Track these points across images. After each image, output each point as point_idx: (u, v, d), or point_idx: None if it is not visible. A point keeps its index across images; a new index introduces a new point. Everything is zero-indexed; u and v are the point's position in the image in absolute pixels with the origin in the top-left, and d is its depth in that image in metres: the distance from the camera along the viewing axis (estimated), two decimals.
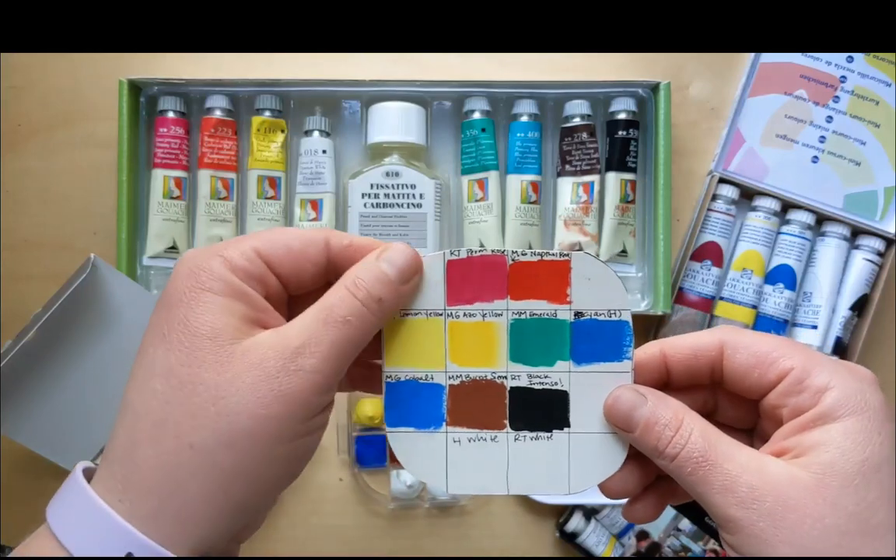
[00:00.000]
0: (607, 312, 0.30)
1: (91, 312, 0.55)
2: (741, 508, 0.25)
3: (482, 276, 0.29)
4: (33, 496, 0.60)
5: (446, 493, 0.30)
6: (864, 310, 0.59)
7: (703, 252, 0.59)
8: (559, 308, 0.30)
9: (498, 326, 0.30)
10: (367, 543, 0.61)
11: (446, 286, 0.29)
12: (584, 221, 0.57)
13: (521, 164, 0.57)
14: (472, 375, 0.30)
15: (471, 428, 0.30)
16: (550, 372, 0.30)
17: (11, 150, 0.61)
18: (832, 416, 0.25)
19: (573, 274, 0.29)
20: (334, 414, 0.60)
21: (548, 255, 0.29)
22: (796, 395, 0.26)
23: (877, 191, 0.59)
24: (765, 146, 0.59)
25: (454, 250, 0.29)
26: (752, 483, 0.25)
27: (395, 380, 0.30)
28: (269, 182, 0.58)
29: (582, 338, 0.30)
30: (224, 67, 0.59)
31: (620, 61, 0.60)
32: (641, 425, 0.28)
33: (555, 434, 0.30)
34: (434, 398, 0.30)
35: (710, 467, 0.26)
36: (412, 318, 0.30)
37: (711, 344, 0.29)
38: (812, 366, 0.26)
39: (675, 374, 0.29)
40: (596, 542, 0.59)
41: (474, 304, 0.30)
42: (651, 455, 0.28)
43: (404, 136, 0.56)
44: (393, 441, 0.30)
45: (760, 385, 0.28)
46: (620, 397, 0.29)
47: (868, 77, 0.59)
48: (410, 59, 0.59)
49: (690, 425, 0.27)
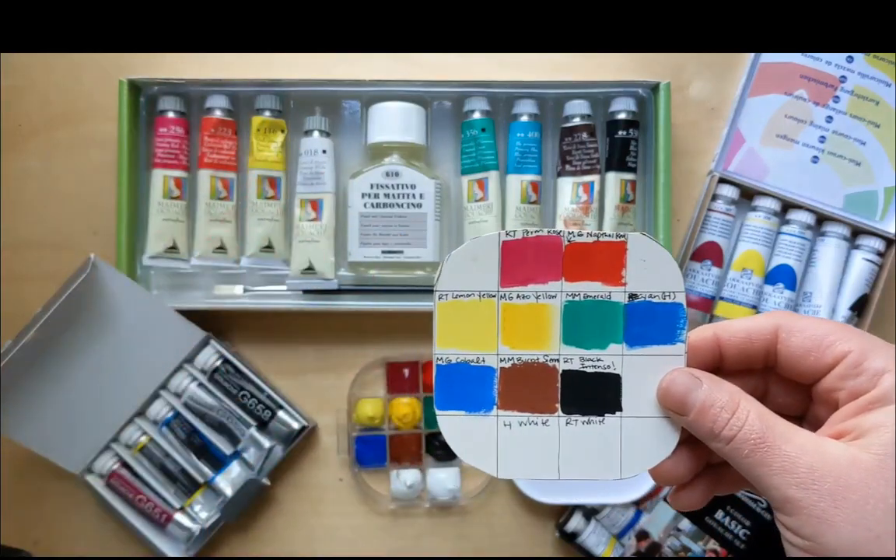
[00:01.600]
0: (661, 295, 0.29)
1: (91, 312, 0.55)
2: (801, 489, 0.25)
3: (536, 257, 0.29)
4: (33, 496, 0.60)
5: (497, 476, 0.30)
6: (864, 310, 0.59)
7: (703, 252, 0.59)
8: (613, 290, 0.29)
9: (551, 308, 0.29)
10: (367, 543, 0.61)
11: (500, 267, 0.29)
12: (584, 221, 0.57)
13: (521, 164, 0.57)
14: (523, 358, 0.29)
15: (522, 411, 0.29)
16: (603, 355, 0.29)
17: (11, 150, 0.61)
18: (891, 399, 0.25)
19: (629, 255, 0.29)
20: (334, 414, 0.60)
21: (604, 235, 0.29)
22: (854, 378, 0.26)
23: (877, 191, 0.59)
24: (765, 146, 0.59)
25: (509, 231, 0.29)
26: (812, 464, 0.25)
27: (445, 362, 0.29)
28: (269, 182, 0.58)
29: (636, 320, 0.29)
30: (224, 67, 0.59)
31: (620, 61, 0.60)
32: (697, 408, 0.27)
33: (607, 418, 0.29)
34: (485, 381, 0.29)
35: (767, 449, 0.26)
36: (464, 299, 0.29)
37: (766, 327, 0.28)
38: (869, 349, 0.26)
39: (728, 357, 0.29)
40: (596, 542, 0.59)
41: (528, 286, 0.29)
42: (706, 438, 0.27)
43: (404, 136, 0.56)
44: (443, 424, 0.29)
45: (816, 368, 0.28)
46: (675, 380, 0.28)
47: (868, 77, 0.59)
48: (410, 59, 0.59)
49: (747, 407, 0.27)
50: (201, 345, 0.58)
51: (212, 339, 0.58)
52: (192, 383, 0.58)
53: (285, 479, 0.61)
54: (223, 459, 0.58)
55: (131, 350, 0.56)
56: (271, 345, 0.61)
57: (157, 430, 0.58)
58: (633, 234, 0.29)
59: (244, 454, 0.58)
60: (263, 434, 0.58)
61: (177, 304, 0.57)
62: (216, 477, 0.58)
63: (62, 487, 0.60)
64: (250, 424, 0.58)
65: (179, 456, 0.57)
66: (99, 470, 0.57)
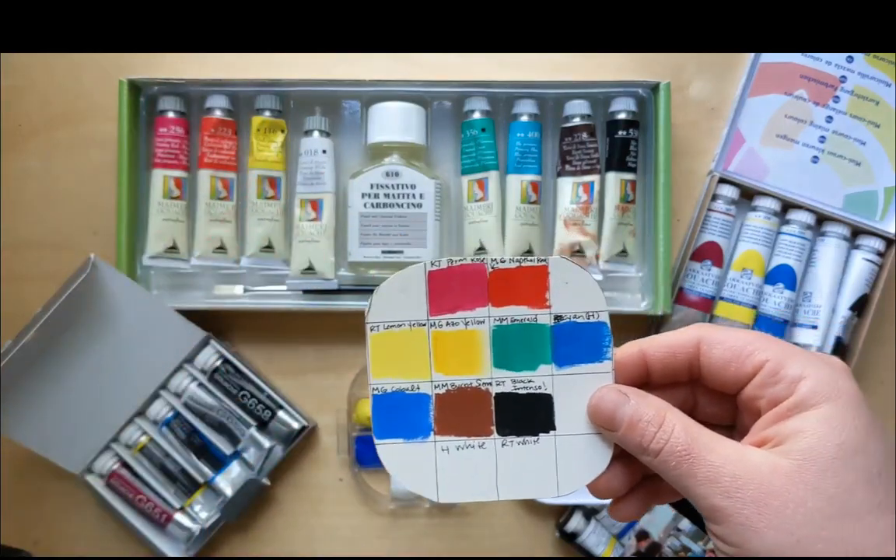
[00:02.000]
0: (586, 314, 0.30)
1: (91, 312, 0.55)
2: (725, 498, 0.25)
3: (463, 284, 0.30)
4: (33, 496, 0.60)
5: (437, 502, 0.30)
6: (864, 310, 0.59)
7: (703, 252, 0.59)
8: (539, 312, 0.30)
9: (480, 334, 0.30)
10: (367, 543, 0.61)
11: (428, 296, 0.30)
12: (584, 221, 0.57)
13: (521, 164, 0.57)
14: (457, 384, 0.30)
15: (458, 436, 0.30)
16: (534, 376, 0.30)
17: (11, 150, 0.61)
18: (808, 404, 0.26)
19: (551, 278, 0.30)
20: (334, 414, 0.60)
21: (526, 261, 0.30)
22: (772, 386, 0.27)
23: (877, 191, 0.59)
24: (765, 146, 0.59)
25: (434, 261, 0.30)
26: (735, 472, 0.25)
27: (381, 392, 0.30)
28: (269, 182, 0.58)
29: (562, 341, 0.30)
30: (224, 67, 0.59)
31: (620, 61, 0.60)
32: (625, 424, 0.28)
33: (541, 437, 0.30)
34: (421, 408, 0.30)
35: (693, 460, 0.26)
36: (396, 329, 0.30)
37: (688, 341, 0.29)
38: (786, 357, 0.27)
39: (654, 371, 0.30)
40: (596, 542, 0.59)
41: (456, 313, 0.30)
42: (636, 452, 0.28)
43: (404, 136, 0.56)
44: (382, 453, 0.30)
45: (737, 378, 0.28)
46: (603, 397, 0.29)
47: (868, 77, 0.59)
48: (410, 59, 0.59)
49: (672, 421, 0.27)
50: (201, 345, 0.58)
51: (212, 339, 0.58)
52: (192, 383, 0.58)
53: (285, 479, 0.61)
54: (223, 459, 0.58)
55: (131, 350, 0.56)
56: (271, 345, 0.61)
57: (157, 430, 0.58)
58: (554, 258, 0.30)
59: (244, 454, 0.58)
60: (263, 434, 0.58)
61: (177, 304, 0.57)
62: (216, 477, 0.58)
63: (62, 487, 0.60)
64: (250, 424, 0.58)
65: (179, 456, 0.57)
66: (99, 470, 0.57)
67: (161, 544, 0.58)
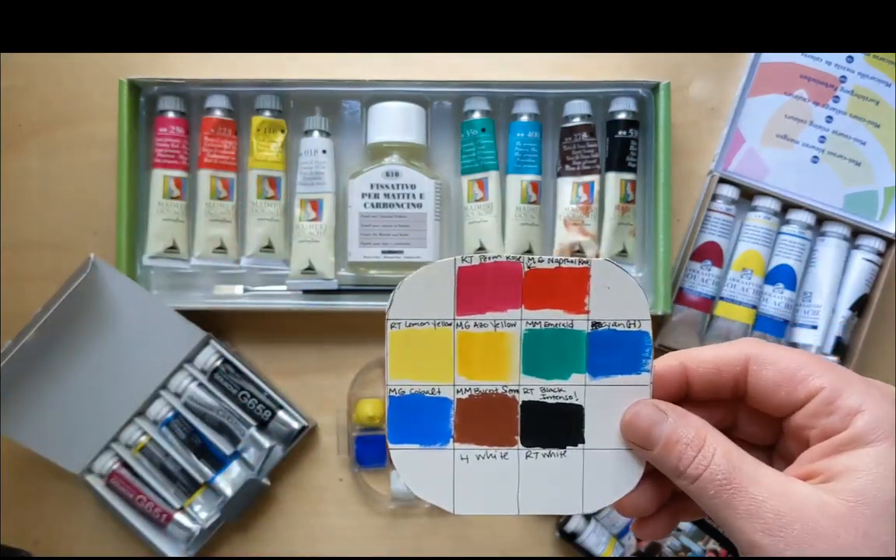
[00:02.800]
0: (626, 323, 0.28)
1: (91, 312, 0.55)
2: (768, 535, 0.24)
3: (495, 283, 0.28)
4: (33, 496, 0.60)
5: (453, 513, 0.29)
6: (864, 310, 0.59)
7: (703, 252, 0.59)
8: (576, 318, 0.28)
9: (510, 337, 0.28)
10: (367, 543, 0.61)
11: (456, 294, 0.28)
12: (584, 221, 0.57)
13: (521, 164, 0.57)
14: (481, 389, 0.28)
15: (480, 444, 0.28)
16: (565, 385, 0.28)
17: (11, 150, 0.61)
18: (864, 441, 0.24)
19: (592, 282, 0.28)
20: (334, 414, 0.60)
21: (566, 261, 0.28)
22: (826, 417, 0.25)
23: (877, 191, 0.59)
24: (765, 146, 0.59)
25: (466, 257, 0.28)
26: (780, 509, 0.24)
27: (399, 393, 0.28)
28: (269, 182, 0.58)
29: (599, 349, 0.28)
30: (224, 67, 0.59)
31: (620, 61, 0.60)
32: (661, 443, 0.26)
33: (568, 451, 0.28)
34: (441, 413, 0.28)
35: (734, 491, 0.25)
36: (418, 328, 0.28)
37: (736, 358, 0.28)
38: (843, 386, 0.25)
39: (695, 388, 0.28)
40: (596, 542, 0.59)
41: (486, 314, 0.28)
42: (671, 475, 0.27)
43: (404, 136, 0.56)
44: (396, 459, 0.28)
45: (788, 404, 0.27)
46: (640, 413, 0.27)
47: (868, 77, 0.59)
48: (410, 59, 0.59)
49: (713, 445, 0.26)
50: (201, 345, 0.58)
51: (212, 339, 0.58)
52: (192, 383, 0.58)
53: (285, 479, 0.61)
54: (223, 459, 0.58)
55: (131, 350, 0.56)
56: (271, 345, 0.61)
57: (157, 430, 0.58)
58: (597, 261, 0.28)
59: (244, 454, 0.58)
60: (263, 434, 0.58)
61: (177, 304, 0.57)
62: (216, 477, 0.58)
63: (62, 487, 0.60)
64: (250, 424, 0.58)
65: (179, 456, 0.57)
66: (99, 470, 0.57)
67: (161, 544, 0.58)
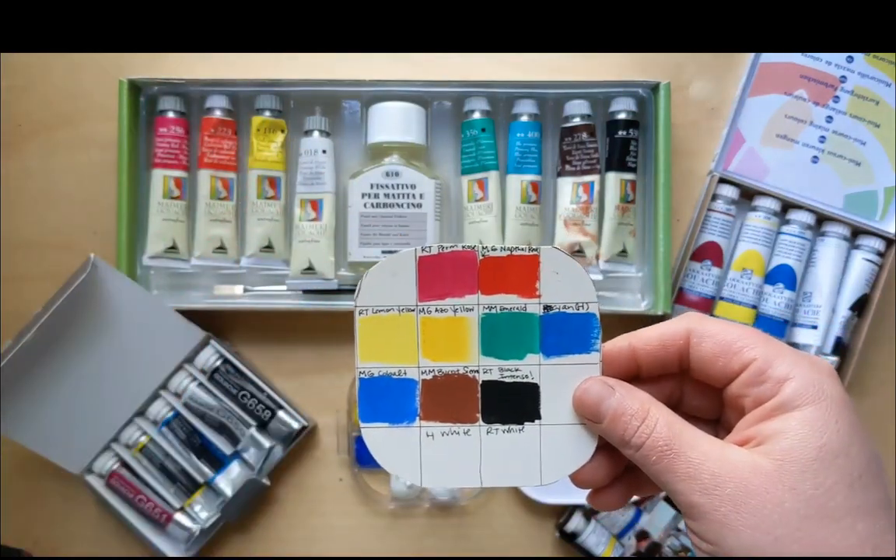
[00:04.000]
0: (575, 305, 0.30)
1: (91, 312, 0.55)
2: (704, 495, 0.26)
3: (453, 271, 0.30)
4: (33, 496, 0.60)
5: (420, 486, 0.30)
6: (864, 310, 0.59)
7: (703, 252, 0.59)
8: (528, 302, 0.30)
9: (469, 321, 0.30)
10: (367, 543, 0.61)
11: (418, 282, 0.30)
12: (584, 221, 0.57)
13: (521, 164, 0.57)
14: (444, 370, 0.30)
15: (444, 422, 0.30)
16: (521, 365, 0.30)
17: (11, 150, 0.61)
18: (791, 406, 0.26)
19: (542, 268, 0.30)
20: (334, 414, 0.60)
21: (517, 249, 0.30)
22: (758, 386, 0.27)
23: (877, 191, 0.59)
24: (765, 146, 0.59)
25: (425, 247, 0.30)
26: (715, 470, 0.26)
27: (368, 376, 0.30)
28: (269, 182, 0.58)
29: (551, 331, 0.30)
30: (224, 67, 0.59)
31: (620, 61, 0.60)
32: (609, 416, 0.28)
33: (526, 426, 0.30)
34: (407, 393, 0.30)
35: (674, 456, 0.26)
36: (384, 314, 0.30)
37: (678, 332, 0.29)
38: (773, 356, 0.27)
39: (645, 365, 0.30)
40: (596, 542, 0.59)
41: (445, 300, 0.30)
42: (618, 445, 0.29)
43: (404, 136, 0.56)
44: (367, 436, 0.30)
45: (724, 374, 0.28)
46: (589, 389, 0.29)
47: (868, 77, 0.59)
48: (410, 59, 0.59)
49: (656, 415, 0.27)
50: (201, 345, 0.58)
51: (212, 339, 0.58)
52: (192, 383, 0.58)
53: (285, 479, 0.61)
54: (223, 459, 0.58)
55: (131, 350, 0.56)
56: (271, 345, 0.61)
57: (157, 430, 0.58)
58: (546, 248, 0.30)
59: (244, 454, 0.58)
60: (263, 434, 0.58)
61: (177, 304, 0.57)
62: (216, 477, 0.58)
63: (62, 487, 0.60)
64: (250, 424, 0.58)
65: (179, 456, 0.57)
66: (99, 470, 0.57)
67: (161, 544, 0.58)
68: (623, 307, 0.58)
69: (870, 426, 0.60)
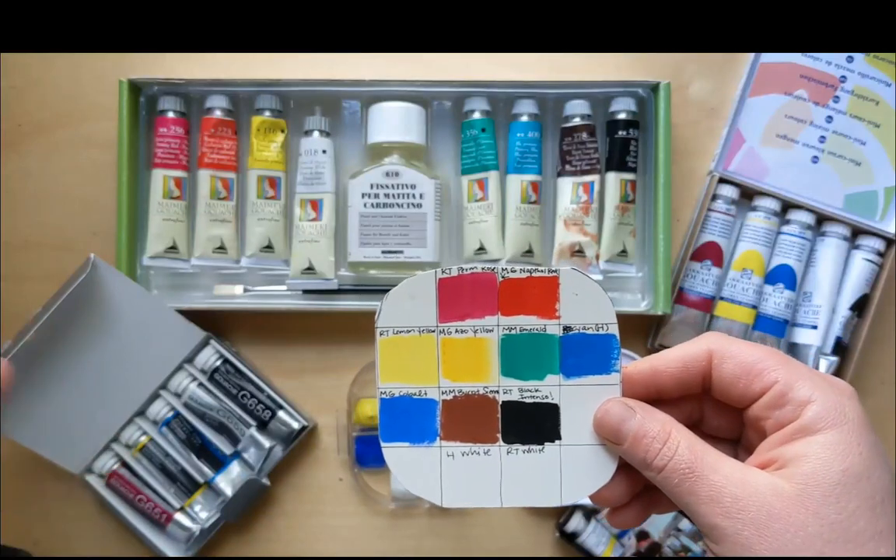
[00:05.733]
0: (595, 326, 0.30)
1: (91, 312, 0.55)
2: (726, 518, 0.26)
3: (473, 292, 0.30)
4: (33, 497, 0.60)
5: (441, 505, 0.31)
6: (864, 310, 0.59)
7: (703, 252, 0.59)
8: (548, 323, 0.30)
9: (489, 342, 0.30)
10: (367, 543, 0.61)
11: (438, 303, 0.30)
12: (584, 221, 0.57)
13: (521, 164, 0.57)
14: (464, 390, 0.30)
15: (464, 442, 0.30)
16: (541, 385, 0.30)
17: (11, 150, 0.61)
18: (813, 429, 0.26)
19: (561, 289, 0.30)
20: (334, 414, 0.60)
21: (536, 271, 0.30)
22: (779, 408, 0.27)
23: (877, 191, 0.59)
24: (765, 146, 0.59)
25: (445, 268, 0.30)
26: (737, 494, 0.26)
27: (389, 396, 0.31)
28: (269, 182, 0.58)
29: (571, 352, 0.30)
30: (224, 67, 0.59)
31: (620, 61, 0.60)
32: (630, 438, 0.28)
33: (546, 447, 0.30)
34: (428, 413, 0.31)
35: (696, 479, 0.26)
36: (405, 335, 0.30)
37: (700, 354, 0.29)
38: (795, 379, 0.27)
39: (667, 387, 0.30)
40: (596, 542, 0.59)
41: (465, 321, 0.30)
42: (640, 467, 0.28)
43: (404, 136, 0.56)
44: (388, 456, 0.31)
45: (746, 396, 0.28)
46: (610, 411, 0.29)
47: (868, 77, 0.59)
48: (410, 59, 0.59)
49: (678, 438, 0.27)
50: (201, 345, 0.58)
51: (212, 339, 0.58)
52: (192, 383, 0.58)
53: (285, 479, 0.61)
54: (223, 459, 0.58)
55: (131, 350, 0.56)
56: (271, 345, 0.61)
57: (157, 430, 0.58)
58: (565, 269, 0.30)
59: (244, 454, 0.58)
60: (263, 434, 0.58)
61: (177, 304, 0.57)
62: (216, 477, 0.58)
63: (62, 487, 0.60)
64: (250, 424, 0.58)
65: (179, 456, 0.57)
66: (99, 470, 0.57)
67: (161, 544, 0.58)
68: (623, 307, 0.58)
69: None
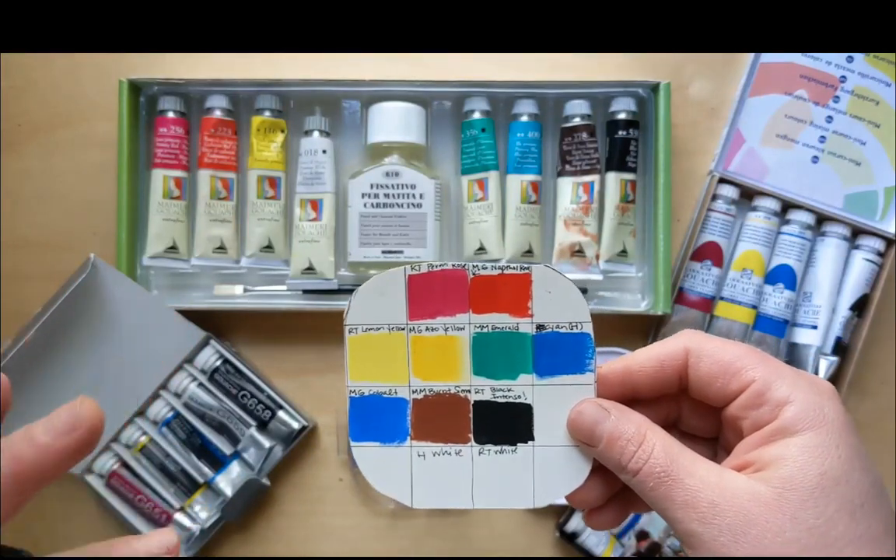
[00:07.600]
0: (569, 325, 0.29)
1: (91, 312, 0.55)
2: (702, 524, 0.25)
3: (444, 290, 0.29)
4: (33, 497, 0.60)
5: (411, 506, 0.30)
6: (864, 310, 0.59)
7: (703, 252, 0.59)
8: (521, 321, 0.29)
9: (460, 340, 0.30)
10: (367, 543, 0.61)
11: (408, 301, 0.29)
12: (584, 221, 0.57)
13: (521, 164, 0.57)
14: (435, 389, 0.30)
15: (435, 442, 0.30)
16: (514, 385, 0.30)
17: (11, 150, 0.61)
18: (791, 431, 0.25)
19: (534, 287, 0.29)
20: (334, 414, 0.60)
21: (508, 268, 0.29)
22: (756, 408, 0.26)
23: (877, 191, 0.59)
24: (765, 146, 0.59)
25: (414, 265, 0.29)
26: (713, 499, 0.25)
27: (358, 394, 0.30)
28: (269, 182, 0.58)
29: (544, 351, 0.29)
30: (224, 67, 0.59)
31: (620, 61, 0.60)
32: (604, 440, 0.28)
33: (519, 447, 0.30)
34: (398, 412, 0.30)
35: (671, 483, 0.26)
36: (375, 332, 0.30)
37: (676, 352, 0.28)
38: (773, 378, 0.26)
39: (643, 386, 0.29)
40: (596, 542, 0.59)
41: (436, 319, 0.30)
42: (614, 469, 0.28)
43: (404, 136, 0.56)
44: (357, 455, 0.30)
45: (723, 395, 0.28)
46: (584, 411, 0.29)
47: (868, 77, 0.59)
48: (410, 59, 0.59)
49: (653, 440, 0.27)
50: (201, 345, 0.58)
51: (212, 339, 0.58)
52: (192, 383, 0.58)
53: (285, 479, 0.61)
54: (223, 459, 0.58)
55: (131, 350, 0.56)
56: (271, 345, 0.61)
57: (157, 430, 0.58)
58: (537, 266, 0.29)
59: (244, 454, 0.58)
60: (263, 434, 0.58)
61: (177, 304, 0.57)
62: (216, 477, 0.58)
63: (62, 487, 0.60)
64: (250, 424, 0.58)
65: (179, 456, 0.57)
66: (99, 470, 0.57)
67: None
68: (623, 307, 0.58)
69: (870, 426, 0.60)
